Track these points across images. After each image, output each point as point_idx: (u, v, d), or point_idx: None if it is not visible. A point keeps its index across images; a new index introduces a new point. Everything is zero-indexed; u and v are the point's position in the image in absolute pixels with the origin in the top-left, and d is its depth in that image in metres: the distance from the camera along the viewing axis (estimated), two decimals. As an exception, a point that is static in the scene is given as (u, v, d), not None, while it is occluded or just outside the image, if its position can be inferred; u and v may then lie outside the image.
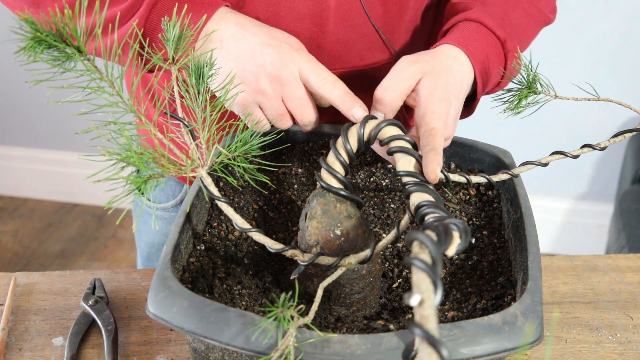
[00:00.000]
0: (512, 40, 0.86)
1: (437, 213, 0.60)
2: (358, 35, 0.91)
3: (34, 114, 2.48)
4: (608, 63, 2.06)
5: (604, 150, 0.84)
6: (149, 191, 0.62)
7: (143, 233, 1.17)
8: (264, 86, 0.76)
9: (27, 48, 0.57)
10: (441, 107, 0.75)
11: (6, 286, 0.88)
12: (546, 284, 0.91)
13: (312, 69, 0.76)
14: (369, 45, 0.93)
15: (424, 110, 0.75)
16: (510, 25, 0.89)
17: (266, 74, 0.76)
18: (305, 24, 0.88)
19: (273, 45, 0.76)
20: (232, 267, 0.75)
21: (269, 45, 0.76)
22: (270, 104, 0.78)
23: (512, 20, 0.90)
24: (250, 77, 0.76)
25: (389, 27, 0.93)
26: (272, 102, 0.77)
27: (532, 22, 0.94)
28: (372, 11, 0.90)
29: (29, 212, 2.62)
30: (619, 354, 0.80)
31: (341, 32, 0.90)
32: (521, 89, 0.79)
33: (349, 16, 0.89)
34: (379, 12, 0.91)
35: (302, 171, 0.88)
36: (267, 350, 0.57)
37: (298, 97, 0.78)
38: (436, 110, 0.75)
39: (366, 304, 0.74)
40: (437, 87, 0.77)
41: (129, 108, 0.64)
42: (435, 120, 0.74)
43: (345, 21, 0.89)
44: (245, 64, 0.76)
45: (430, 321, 0.39)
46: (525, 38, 0.94)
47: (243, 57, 0.76)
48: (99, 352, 0.79)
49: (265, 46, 0.76)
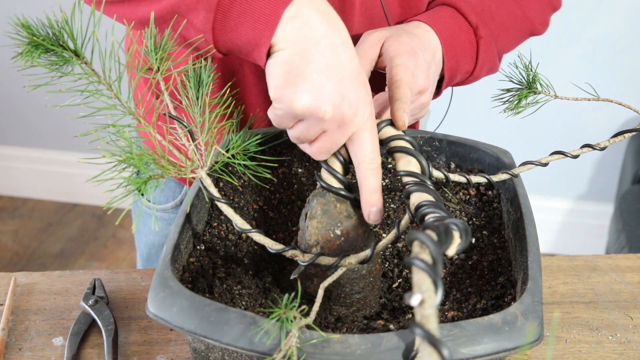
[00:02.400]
0: (485, 28, 0.86)
1: (437, 213, 0.60)
2: None
3: (34, 114, 2.48)
4: (608, 63, 2.07)
5: (604, 150, 0.84)
6: (149, 192, 0.62)
7: (143, 234, 1.17)
8: (328, 116, 0.66)
9: (24, 53, 0.57)
10: (407, 59, 0.76)
11: (6, 286, 0.88)
12: (546, 284, 0.91)
13: (372, 140, 0.69)
14: None
15: (390, 65, 0.76)
16: (489, 17, 0.89)
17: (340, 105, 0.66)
18: None
19: (360, 82, 0.68)
20: (232, 267, 0.75)
21: (357, 79, 0.68)
22: (312, 129, 0.68)
23: (493, 15, 0.90)
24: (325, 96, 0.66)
25: None
26: (315, 129, 0.68)
27: (516, 23, 0.94)
28: (390, 11, 0.91)
29: (29, 212, 2.62)
30: (619, 354, 0.80)
31: (362, 29, 0.90)
32: (521, 89, 0.79)
33: (370, 14, 0.91)
34: (396, 13, 0.92)
35: (302, 171, 0.88)
36: (269, 351, 0.57)
37: (335, 144, 0.69)
38: (401, 62, 0.75)
39: (366, 304, 0.74)
40: (401, 43, 0.78)
41: (128, 110, 0.64)
42: (401, 72, 0.74)
43: (367, 19, 0.91)
44: (330, 80, 0.66)
45: (431, 321, 0.39)
46: (507, 37, 0.94)
47: (331, 72, 0.66)
48: (99, 352, 0.79)
49: (354, 78, 0.67)
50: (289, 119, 0.68)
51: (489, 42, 0.87)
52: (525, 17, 0.94)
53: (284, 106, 0.66)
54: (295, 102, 0.65)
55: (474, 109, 1.90)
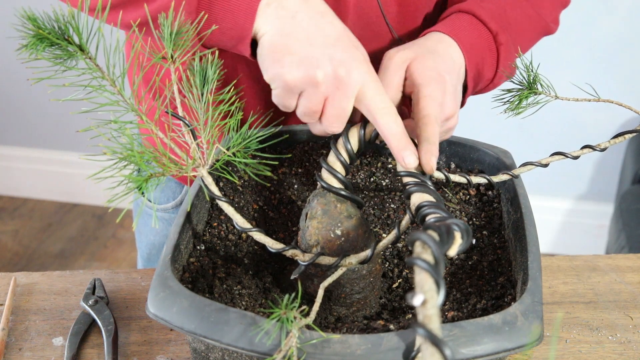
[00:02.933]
0: (505, 34, 0.84)
1: (438, 213, 0.60)
2: (373, 33, 0.91)
3: (34, 114, 2.48)
4: (608, 63, 2.07)
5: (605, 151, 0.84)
6: (149, 190, 0.62)
7: (143, 234, 1.17)
8: (321, 79, 0.68)
9: (28, 45, 0.57)
10: (435, 87, 0.73)
11: (6, 286, 0.88)
12: (546, 284, 0.91)
13: (379, 91, 0.69)
14: (382, 44, 0.93)
15: (417, 95, 0.73)
16: (507, 22, 0.87)
17: (331, 68, 0.68)
18: None
19: (348, 44, 0.70)
20: (232, 267, 0.75)
21: (343, 42, 0.70)
22: (313, 98, 0.70)
23: (510, 19, 0.88)
24: (313, 62, 0.68)
25: (404, 28, 0.93)
26: (316, 97, 0.69)
27: (531, 25, 0.92)
28: (386, 10, 0.90)
29: (29, 212, 2.62)
30: (619, 354, 0.80)
31: (357, 30, 0.89)
32: (522, 89, 0.79)
33: (365, 14, 0.89)
34: (394, 12, 0.91)
35: (302, 171, 0.88)
36: (270, 352, 0.57)
37: (342, 108, 0.70)
38: (429, 93, 0.72)
39: (366, 304, 0.74)
40: (425, 67, 0.75)
41: (130, 107, 0.64)
42: (429, 106, 0.71)
43: (362, 19, 0.89)
44: (314, 47, 0.68)
45: (434, 321, 0.39)
46: (523, 40, 0.91)
47: (314, 40, 0.69)
48: (99, 352, 0.79)
49: (340, 41, 0.70)
50: (289, 97, 0.71)
51: (509, 48, 0.85)
52: (539, 17, 0.92)
53: (278, 84, 0.70)
54: (286, 76, 0.68)
55: (474, 109, 1.90)
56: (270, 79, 0.70)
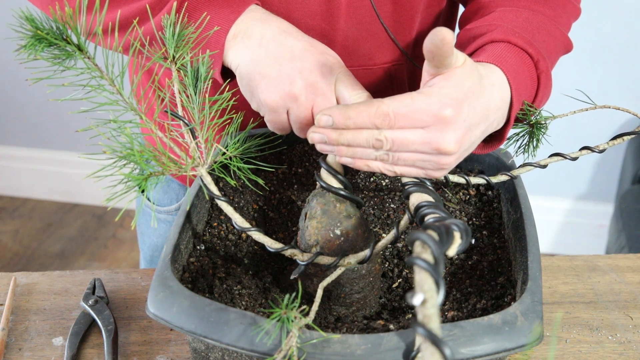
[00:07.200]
0: (544, 60, 0.78)
1: (437, 213, 0.60)
2: (368, 33, 0.91)
3: (34, 114, 2.48)
4: (608, 63, 2.07)
5: (604, 151, 0.84)
6: (149, 189, 0.62)
7: (146, 236, 1.17)
8: (298, 91, 0.72)
9: (27, 46, 0.57)
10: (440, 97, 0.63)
11: (6, 286, 0.88)
12: (546, 284, 0.91)
13: (349, 83, 0.73)
14: (378, 44, 0.92)
15: (421, 85, 0.67)
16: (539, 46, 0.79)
17: (303, 79, 0.72)
18: (317, 21, 0.87)
19: (314, 52, 0.74)
20: (232, 267, 0.75)
21: (309, 51, 0.74)
22: (299, 111, 0.73)
23: (540, 43, 0.80)
24: (286, 79, 0.72)
25: (399, 27, 0.93)
26: (302, 109, 0.73)
27: (557, 46, 0.84)
28: (381, 9, 0.89)
29: (29, 212, 2.62)
30: (619, 354, 0.80)
31: (351, 29, 0.89)
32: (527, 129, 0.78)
33: (359, 13, 0.89)
34: (388, 11, 0.90)
35: (302, 171, 0.88)
36: (270, 352, 0.57)
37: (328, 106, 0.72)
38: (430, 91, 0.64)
39: (366, 303, 0.74)
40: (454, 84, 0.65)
41: (130, 106, 0.64)
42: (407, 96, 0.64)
43: (355, 18, 0.89)
44: (283, 66, 0.73)
45: (433, 320, 0.40)
46: (553, 62, 0.84)
47: (282, 59, 0.73)
48: (99, 352, 0.79)
49: (306, 52, 0.74)
50: (279, 117, 0.74)
51: (548, 76, 0.79)
52: (563, 35, 0.86)
53: (264, 109, 0.74)
54: (267, 100, 0.72)
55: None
56: (256, 107, 0.75)
